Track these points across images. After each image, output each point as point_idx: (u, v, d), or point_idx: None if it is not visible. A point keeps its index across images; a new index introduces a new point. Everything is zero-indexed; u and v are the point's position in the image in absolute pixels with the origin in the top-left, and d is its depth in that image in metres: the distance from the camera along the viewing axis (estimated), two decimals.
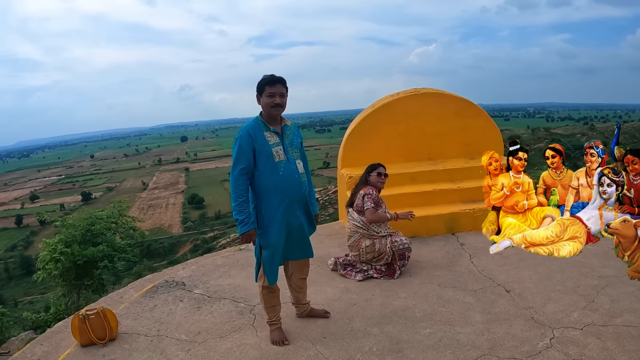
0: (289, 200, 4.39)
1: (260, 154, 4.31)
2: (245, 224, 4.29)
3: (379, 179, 6.18)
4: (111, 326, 4.80)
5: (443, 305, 5.14)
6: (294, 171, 4.43)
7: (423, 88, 8.95)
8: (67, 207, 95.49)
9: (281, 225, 4.39)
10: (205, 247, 59.14)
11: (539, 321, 4.69)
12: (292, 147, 4.52)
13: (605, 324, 4.57)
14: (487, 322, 4.74)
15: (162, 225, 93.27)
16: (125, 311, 5.49)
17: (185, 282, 6.23)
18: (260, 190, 4.36)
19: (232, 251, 7.49)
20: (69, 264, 11.33)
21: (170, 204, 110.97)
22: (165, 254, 68.20)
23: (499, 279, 5.76)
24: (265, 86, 4.36)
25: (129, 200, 79.74)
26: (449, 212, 7.58)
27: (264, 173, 4.33)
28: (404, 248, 6.01)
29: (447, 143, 8.79)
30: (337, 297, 5.52)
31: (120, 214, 13.84)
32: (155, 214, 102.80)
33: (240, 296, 5.68)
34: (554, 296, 5.22)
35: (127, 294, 6.21)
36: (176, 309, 5.45)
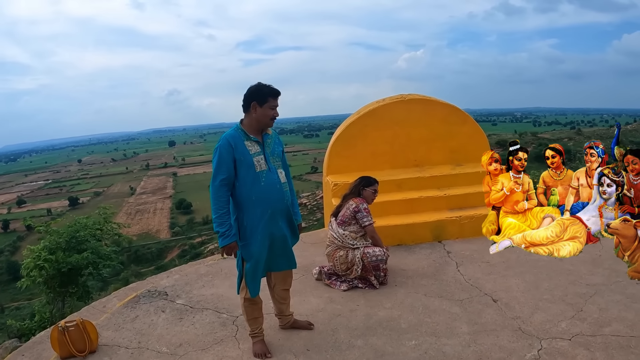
0: (271, 211, 4.29)
1: (241, 164, 4.20)
2: (227, 237, 4.19)
3: (373, 196, 6.17)
4: (91, 338, 4.71)
5: (429, 316, 5.06)
6: (276, 181, 4.33)
7: (409, 94, 8.91)
8: (54, 212, 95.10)
9: (263, 236, 4.29)
10: (193, 253, 58.97)
11: (527, 332, 4.62)
12: (274, 156, 4.41)
13: (593, 333, 4.51)
14: (474, 333, 4.67)
15: (149, 230, 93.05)
16: (107, 322, 5.40)
17: (167, 291, 6.13)
18: (242, 201, 4.25)
19: (216, 259, 7.41)
20: (53, 272, 11.23)
21: (158, 209, 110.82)
22: (152, 259, 67.99)
23: (485, 288, 5.69)
24: (269, 97, 4.25)
25: (117, 205, 79.61)
26: (436, 219, 7.50)
27: (245, 184, 4.22)
28: (377, 260, 5.87)
29: (433, 149, 8.75)
30: (321, 307, 5.43)
31: (105, 221, 13.73)
32: (143, 219, 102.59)
33: (223, 306, 5.59)
34: (542, 305, 5.16)
35: (110, 303, 6.15)
36: (158, 320, 5.35)
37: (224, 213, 4.19)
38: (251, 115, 4.28)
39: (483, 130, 9.24)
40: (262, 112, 4.24)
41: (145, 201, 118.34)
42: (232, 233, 4.21)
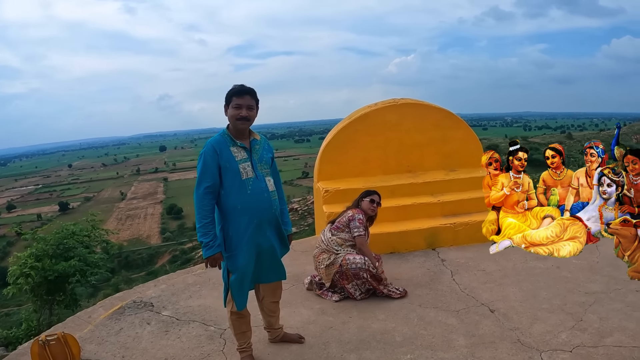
0: (258, 220, 4.10)
1: (226, 171, 4.03)
2: (210, 247, 4.01)
3: (371, 205, 6.00)
4: (73, 353, 4.54)
5: (424, 328, 4.91)
6: (263, 189, 4.15)
7: (401, 99, 8.80)
8: (45, 217, 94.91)
9: (250, 247, 4.11)
10: (184, 258, 58.85)
11: (526, 343, 4.49)
12: (262, 163, 4.23)
13: (595, 344, 4.39)
14: (471, 345, 4.52)
15: (140, 235, 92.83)
16: (90, 334, 5.23)
17: (153, 302, 5.97)
18: (227, 210, 4.07)
19: (204, 268, 7.22)
20: (40, 279, 11.12)
21: (149, 214, 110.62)
22: (143, 265, 67.84)
23: (482, 297, 5.56)
24: (233, 97, 4.09)
25: (107, 210, 79.63)
26: (429, 226, 7.38)
27: (230, 192, 4.04)
28: (356, 268, 5.65)
29: (426, 155, 8.65)
30: (313, 319, 5.27)
31: (93, 227, 13.59)
32: (134, 224, 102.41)
33: (210, 319, 5.42)
34: (541, 315, 5.03)
35: (96, 313, 5.99)
36: (143, 333, 5.18)
37: (208, 222, 4.02)
38: (228, 118, 4.16)
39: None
40: (229, 114, 4.11)
41: (136, 206, 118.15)
42: (216, 244, 4.03)
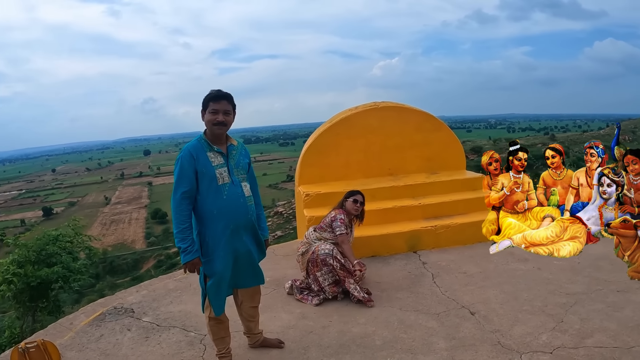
0: (234, 226, 4.09)
1: (202, 176, 4.03)
2: (189, 253, 3.98)
3: (354, 205, 6.06)
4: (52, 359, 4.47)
5: (405, 332, 4.89)
6: (240, 195, 4.15)
7: (383, 102, 8.81)
8: (28, 223, 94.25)
9: (226, 252, 4.09)
10: (169, 263, 58.67)
11: (506, 346, 4.49)
12: (238, 169, 4.22)
13: (576, 345, 4.40)
14: (451, 348, 4.51)
15: (125, 240, 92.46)
16: (71, 341, 5.16)
17: (134, 308, 5.91)
18: (204, 215, 4.07)
19: (185, 274, 7.20)
20: (23, 286, 11.07)
21: (133, 218, 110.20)
22: (128, 270, 67.56)
23: (463, 300, 5.55)
24: (210, 102, 4.09)
25: (91, 215, 79.12)
26: (411, 229, 7.37)
27: (206, 197, 4.04)
28: (324, 254, 5.72)
29: (408, 158, 8.66)
30: (293, 324, 5.24)
31: (75, 233, 13.54)
32: (118, 229, 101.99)
33: (190, 324, 5.38)
34: (521, 317, 5.03)
35: (78, 320, 5.93)
36: (123, 339, 5.13)
37: (185, 228, 4.01)
38: (205, 123, 4.16)
39: (458, 136, 9.18)
40: (206, 119, 4.11)
41: (121, 211, 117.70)
42: (194, 249, 4.01)
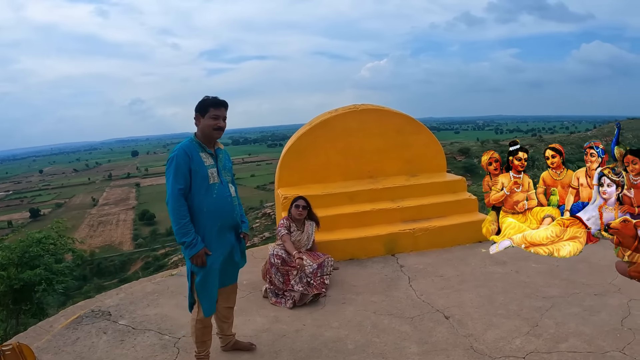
0: (220, 224, 4.22)
1: (196, 175, 4.14)
2: (194, 246, 4.07)
3: (297, 210, 6.37)
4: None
5: (377, 336, 4.89)
6: (228, 195, 4.30)
7: (362, 104, 8.81)
8: (15, 224, 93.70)
9: (215, 249, 4.20)
10: (157, 265, 58.46)
11: (479, 350, 4.49)
12: (225, 171, 4.37)
13: (549, 350, 4.42)
14: (423, 353, 4.52)
15: (112, 242, 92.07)
16: (47, 344, 5.15)
17: (111, 311, 5.89)
18: (192, 212, 4.14)
19: (164, 276, 7.21)
20: (6, 288, 11.04)
21: (121, 220, 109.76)
22: (115, 272, 67.25)
23: (438, 303, 5.55)
24: (210, 107, 4.22)
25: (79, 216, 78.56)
26: (389, 232, 7.37)
27: (197, 194, 4.13)
28: (270, 254, 6.18)
29: (387, 160, 8.65)
30: (266, 327, 5.24)
31: (59, 235, 13.49)
32: (106, 230, 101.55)
33: (165, 327, 5.37)
34: (496, 321, 5.04)
35: (58, 323, 5.99)
36: (98, 342, 5.11)
37: (186, 222, 4.08)
38: (198, 128, 4.29)
39: (446, 138, 9.22)
40: (206, 123, 4.22)
41: (108, 212, 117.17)
42: (198, 240, 4.11)
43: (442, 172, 8.97)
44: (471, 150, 74.05)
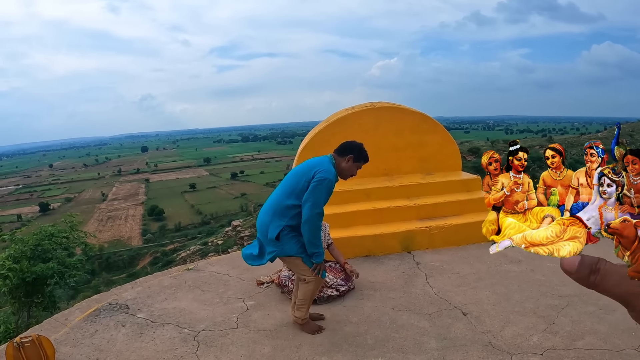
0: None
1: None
2: (322, 254, 4.81)
3: None
4: (47, 354, 4.52)
5: (396, 331, 4.93)
6: None
7: (379, 102, 8.82)
8: (25, 218, 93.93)
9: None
10: (165, 260, 58.52)
11: (497, 346, 4.52)
12: None
13: (566, 347, 4.43)
14: (443, 348, 4.55)
15: (121, 237, 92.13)
16: (65, 337, 5.19)
17: (129, 304, 5.93)
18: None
19: (180, 271, 7.24)
20: (18, 281, 11.05)
21: (130, 215, 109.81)
22: (124, 266, 67.35)
23: (455, 300, 5.58)
24: (362, 161, 4.92)
25: (88, 211, 78.52)
26: (405, 229, 7.38)
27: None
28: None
29: (403, 158, 8.66)
30: (286, 322, 5.28)
31: (71, 229, 13.52)
32: (115, 225, 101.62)
33: (184, 321, 5.41)
34: (513, 318, 5.06)
35: (73, 315, 6.00)
36: (117, 335, 5.16)
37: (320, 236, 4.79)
38: (342, 162, 4.83)
39: (456, 137, 9.19)
40: (350, 167, 4.86)
41: (117, 207, 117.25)
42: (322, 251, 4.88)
43: (457, 170, 8.96)
44: (481, 150, 73.67)
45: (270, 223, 4.72)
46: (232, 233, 50.33)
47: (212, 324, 5.30)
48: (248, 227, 49.62)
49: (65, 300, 16.17)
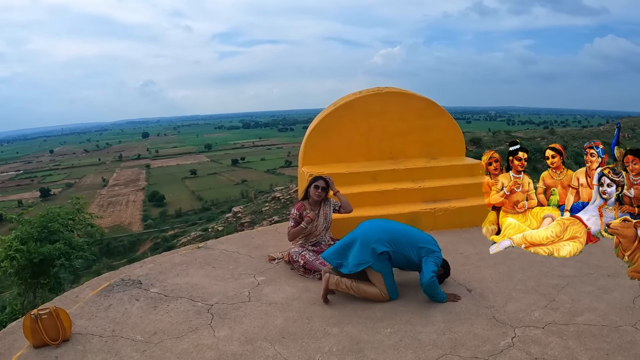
0: None
1: None
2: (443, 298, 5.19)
3: (316, 191, 6.35)
4: (64, 326, 4.61)
5: (404, 305, 5.09)
6: None
7: (386, 87, 8.93)
8: (25, 203, 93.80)
9: None
10: (166, 246, 58.51)
11: (501, 320, 4.68)
12: None
13: (566, 322, 4.58)
14: (448, 321, 4.70)
15: (122, 222, 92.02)
16: (80, 311, 5.30)
17: (141, 280, 6.05)
18: None
19: (190, 249, 7.38)
20: (25, 262, 11.11)
21: (131, 201, 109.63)
22: (125, 252, 67.34)
23: (459, 278, 5.74)
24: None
25: (89, 197, 78.09)
26: (410, 211, 7.53)
27: None
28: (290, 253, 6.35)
29: (409, 142, 8.80)
30: (297, 296, 5.44)
31: (78, 211, 13.60)
32: (115, 211, 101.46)
33: (197, 295, 5.55)
34: (515, 295, 5.22)
35: (83, 293, 6.07)
36: (132, 309, 5.28)
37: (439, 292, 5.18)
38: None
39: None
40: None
41: (118, 193, 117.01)
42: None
43: (461, 156, 9.10)
44: (482, 140, 73.45)
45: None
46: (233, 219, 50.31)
47: (225, 298, 5.43)
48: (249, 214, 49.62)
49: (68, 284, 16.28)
